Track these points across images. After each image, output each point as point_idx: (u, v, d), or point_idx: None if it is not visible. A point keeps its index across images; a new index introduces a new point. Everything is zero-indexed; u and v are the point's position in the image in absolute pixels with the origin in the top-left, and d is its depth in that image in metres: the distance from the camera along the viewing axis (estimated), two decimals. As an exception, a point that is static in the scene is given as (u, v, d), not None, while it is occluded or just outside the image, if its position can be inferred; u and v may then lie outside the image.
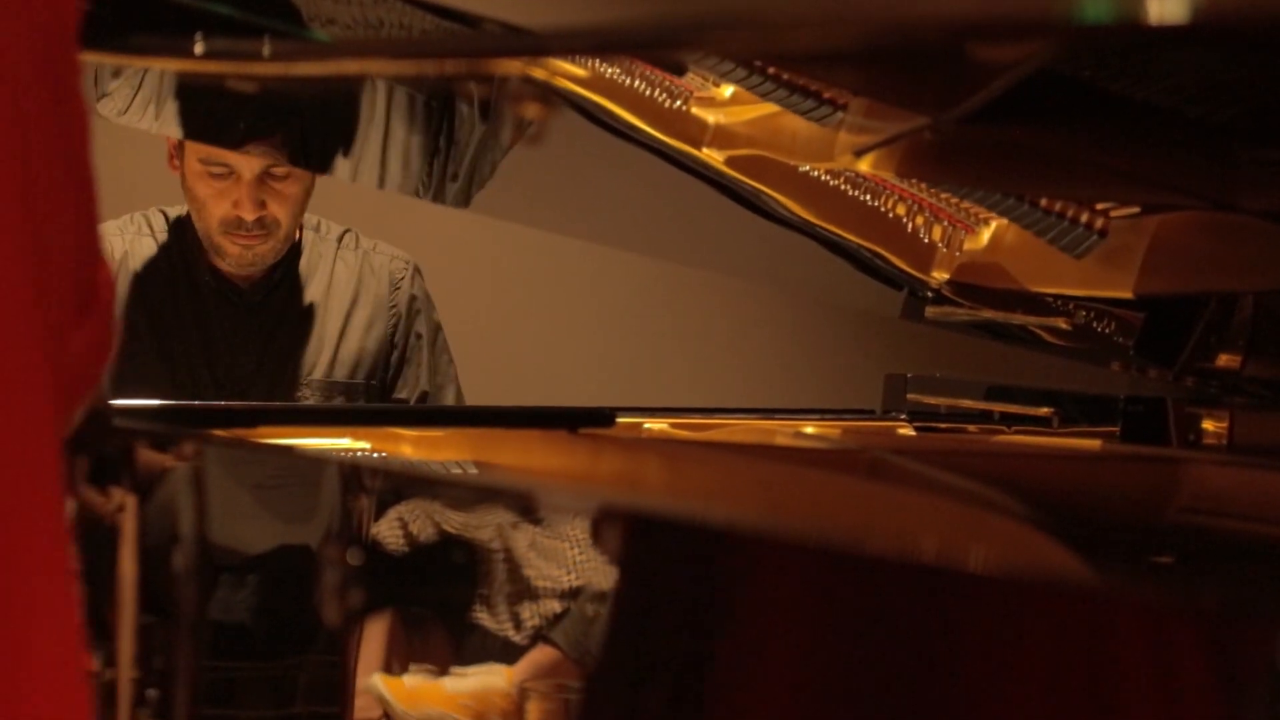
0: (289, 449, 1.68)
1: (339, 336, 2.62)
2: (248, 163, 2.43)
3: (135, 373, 2.51)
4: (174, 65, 1.52)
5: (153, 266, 2.58)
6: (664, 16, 1.04)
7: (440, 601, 1.20)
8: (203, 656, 1.34)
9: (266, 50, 1.38)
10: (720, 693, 0.99)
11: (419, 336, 2.67)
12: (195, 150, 2.45)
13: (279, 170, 2.45)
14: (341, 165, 1.97)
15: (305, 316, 2.60)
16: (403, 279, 2.67)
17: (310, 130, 1.91)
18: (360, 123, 1.75)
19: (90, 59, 1.60)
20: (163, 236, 2.60)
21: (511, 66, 1.52)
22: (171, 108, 1.76)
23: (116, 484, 1.42)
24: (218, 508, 1.34)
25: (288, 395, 2.57)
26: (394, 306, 2.65)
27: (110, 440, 1.46)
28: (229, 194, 2.46)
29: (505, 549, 1.13)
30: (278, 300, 2.60)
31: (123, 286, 2.56)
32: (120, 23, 1.50)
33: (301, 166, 2.40)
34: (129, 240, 2.59)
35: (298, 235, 2.61)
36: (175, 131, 1.90)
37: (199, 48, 1.37)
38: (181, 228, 2.60)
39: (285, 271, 2.60)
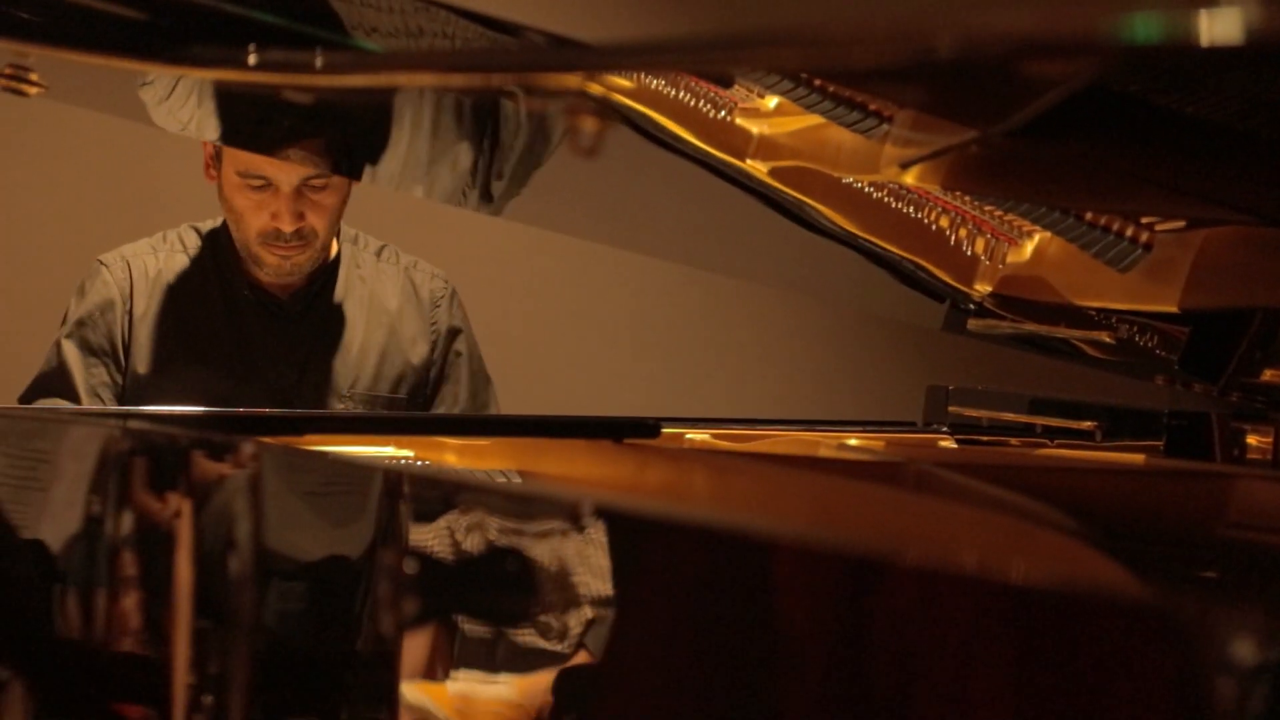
0: (341, 457, 1.69)
1: (382, 351, 2.62)
2: (286, 174, 2.43)
3: (176, 386, 2.52)
4: (226, 76, 1.53)
5: (189, 282, 2.59)
6: (720, 33, 1.04)
7: (489, 610, 1.21)
8: (257, 662, 1.35)
9: (319, 62, 1.39)
10: (763, 703, 1.00)
11: (458, 354, 2.67)
12: (233, 162, 2.46)
13: (317, 181, 2.45)
14: (385, 172, 1.97)
15: (347, 328, 2.61)
16: (442, 298, 2.68)
17: (353, 136, 1.91)
18: (404, 128, 1.75)
19: (143, 68, 1.62)
20: (196, 252, 2.61)
21: (556, 77, 1.53)
22: (211, 98, 1.76)
23: (173, 489, 1.43)
24: (273, 514, 1.35)
25: (329, 407, 2.57)
26: (434, 324, 2.66)
27: (167, 446, 1.47)
28: (267, 205, 2.46)
29: (554, 559, 1.14)
30: (318, 312, 2.60)
31: (158, 306, 2.57)
32: (167, 32, 1.52)
33: (343, 173, 2.40)
34: (163, 258, 2.59)
35: (335, 247, 2.62)
36: (213, 129, 1.90)
37: (252, 59, 1.38)
38: (215, 241, 2.61)
39: (325, 283, 2.60)
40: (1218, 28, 0.86)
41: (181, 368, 2.55)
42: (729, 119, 1.73)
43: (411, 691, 1.23)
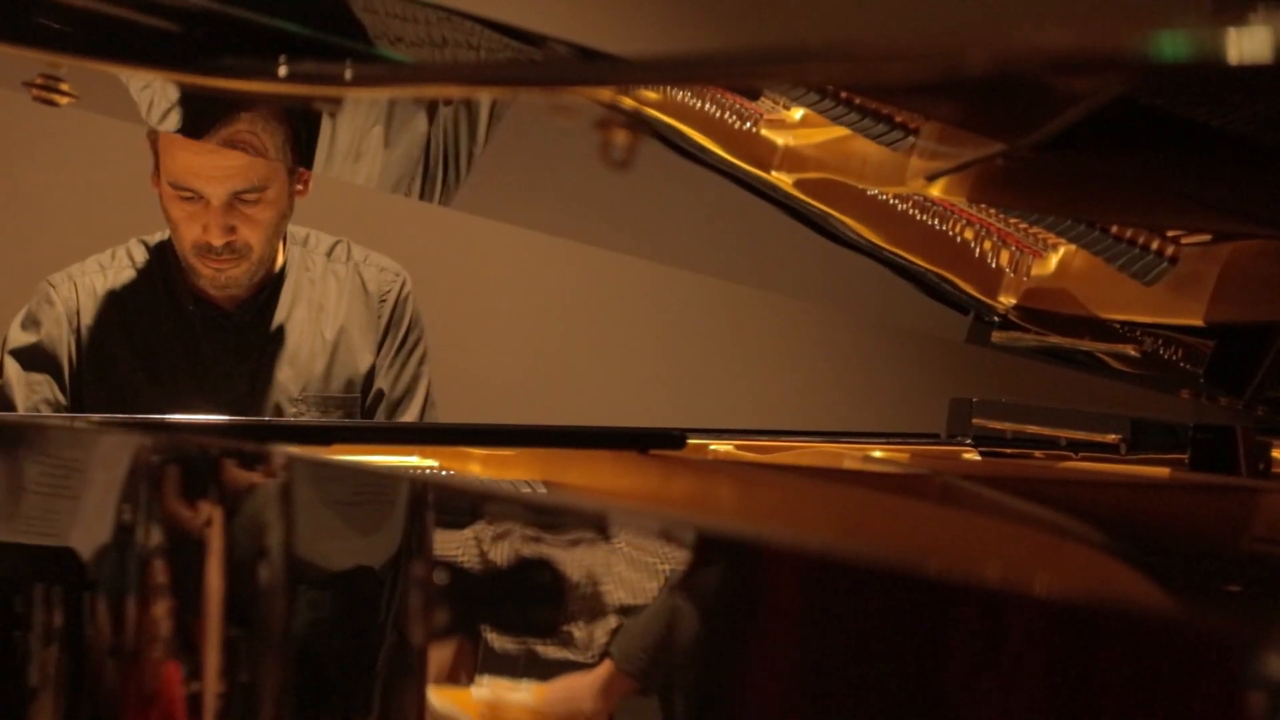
0: (369, 466, 1.70)
1: (331, 352, 2.61)
2: (215, 188, 2.43)
3: (129, 401, 2.53)
4: (257, 88, 1.54)
5: (137, 297, 2.59)
6: (752, 48, 1.05)
7: (516, 619, 1.21)
8: (288, 671, 1.36)
9: (349, 74, 1.40)
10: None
11: (392, 340, 2.67)
12: (166, 173, 2.46)
13: (249, 195, 2.45)
14: (338, 155, 1.93)
15: (296, 335, 2.60)
16: (389, 293, 2.67)
17: (304, 121, 1.87)
18: (360, 115, 1.73)
19: (175, 79, 1.63)
20: (144, 267, 2.60)
21: (580, 89, 1.53)
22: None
23: (204, 498, 1.44)
24: (303, 523, 1.36)
25: (283, 413, 2.57)
26: (379, 318, 2.66)
27: (199, 455, 1.48)
28: (198, 218, 2.46)
29: (581, 569, 1.14)
30: (265, 321, 2.59)
31: (106, 322, 2.56)
32: (198, 43, 1.52)
33: (295, 160, 2.37)
34: (111, 275, 2.59)
35: (282, 257, 2.62)
36: (170, 95, 1.85)
37: (283, 70, 1.39)
38: (163, 254, 2.60)
39: (271, 292, 2.60)
40: (1246, 45, 0.86)
41: (133, 382, 2.55)
42: (754, 130, 1.73)
43: (439, 699, 1.24)
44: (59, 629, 1.60)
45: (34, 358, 2.55)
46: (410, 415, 2.67)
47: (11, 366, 2.55)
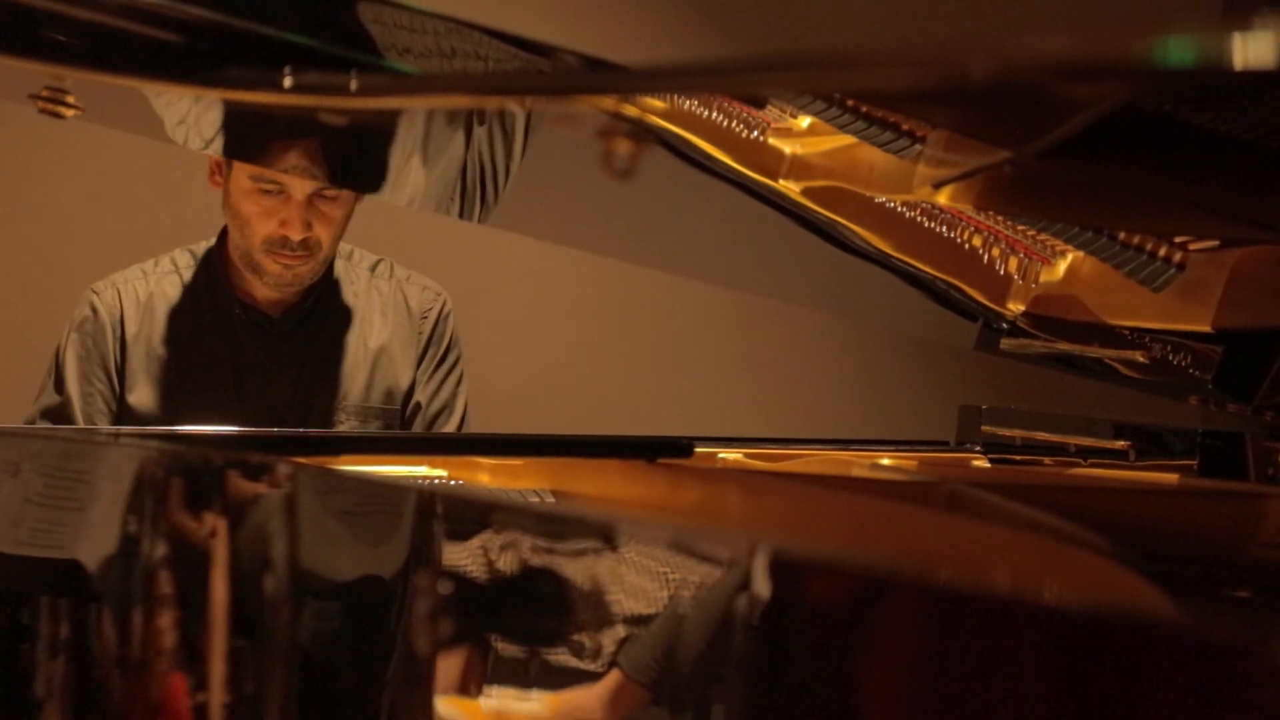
0: (376, 477, 1.70)
1: (372, 364, 2.63)
2: (299, 183, 2.44)
3: (170, 406, 2.53)
4: (262, 98, 1.54)
5: (181, 303, 2.60)
6: (757, 56, 1.05)
7: (523, 629, 1.21)
8: (295, 682, 1.36)
9: (354, 85, 1.40)
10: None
11: (432, 356, 2.68)
12: (246, 166, 2.47)
13: (329, 192, 2.47)
14: (383, 182, 1.93)
15: (338, 345, 2.62)
16: (430, 310, 2.69)
17: (348, 146, 1.89)
18: (400, 139, 1.73)
19: (178, 91, 1.63)
20: (189, 274, 2.62)
21: (589, 98, 1.53)
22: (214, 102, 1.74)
23: (209, 509, 1.44)
24: (308, 534, 1.36)
25: (323, 422, 2.58)
26: (420, 334, 2.67)
27: (203, 467, 1.48)
28: (277, 213, 2.47)
29: (588, 578, 1.14)
30: (309, 329, 2.61)
31: (149, 327, 2.58)
32: (203, 55, 1.53)
33: (337, 184, 2.39)
34: (153, 282, 2.61)
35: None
36: (213, 123, 1.87)
37: (288, 81, 1.39)
38: (209, 262, 2.62)
39: (316, 300, 2.61)
40: (1251, 51, 0.86)
41: (175, 388, 2.56)
42: (762, 139, 1.73)
43: (446, 710, 1.23)
44: (65, 641, 1.60)
45: (84, 364, 2.56)
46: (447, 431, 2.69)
47: (70, 380, 2.56)
